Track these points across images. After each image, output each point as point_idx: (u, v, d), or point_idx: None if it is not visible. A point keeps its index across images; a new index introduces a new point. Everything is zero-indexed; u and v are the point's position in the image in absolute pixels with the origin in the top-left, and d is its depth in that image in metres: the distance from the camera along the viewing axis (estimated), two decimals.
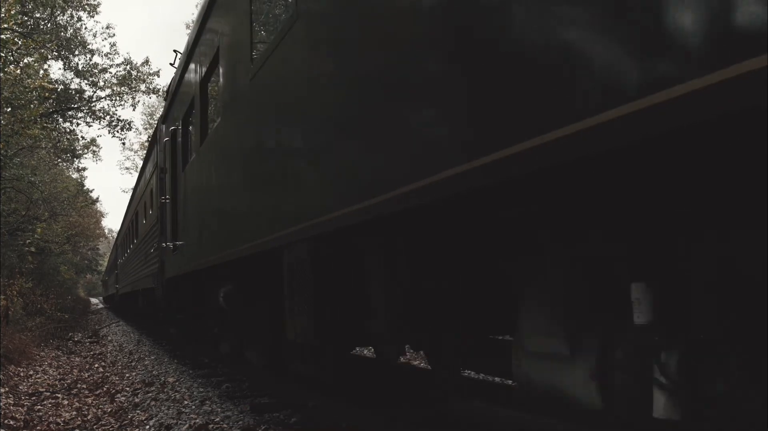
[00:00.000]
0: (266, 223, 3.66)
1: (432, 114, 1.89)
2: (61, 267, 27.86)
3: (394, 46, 2.10)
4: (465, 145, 1.70)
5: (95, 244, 49.62)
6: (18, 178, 15.01)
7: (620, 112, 1.21)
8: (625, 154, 1.34)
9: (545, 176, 1.58)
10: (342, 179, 2.57)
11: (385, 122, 2.16)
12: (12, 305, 14.31)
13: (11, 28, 13.41)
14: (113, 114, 22.34)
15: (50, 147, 20.38)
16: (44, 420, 5.28)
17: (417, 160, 1.94)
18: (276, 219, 3.47)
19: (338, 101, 2.60)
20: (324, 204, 2.73)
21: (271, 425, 4.47)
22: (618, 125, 1.21)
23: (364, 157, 2.35)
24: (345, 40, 2.51)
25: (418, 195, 1.90)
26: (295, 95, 3.14)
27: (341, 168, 2.57)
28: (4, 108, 13.12)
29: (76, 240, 33.73)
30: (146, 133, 43.11)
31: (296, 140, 3.17)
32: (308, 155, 2.99)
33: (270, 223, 3.58)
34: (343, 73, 2.55)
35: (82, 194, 29.64)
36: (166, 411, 5.26)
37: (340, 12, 2.56)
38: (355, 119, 2.42)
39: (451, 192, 1.75)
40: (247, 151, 4.15)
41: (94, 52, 21.79)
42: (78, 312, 24.81)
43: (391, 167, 2.11)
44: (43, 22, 19.47)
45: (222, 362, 7.93)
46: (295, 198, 3.17)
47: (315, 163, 2.89)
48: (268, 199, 3.66)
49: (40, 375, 8.22)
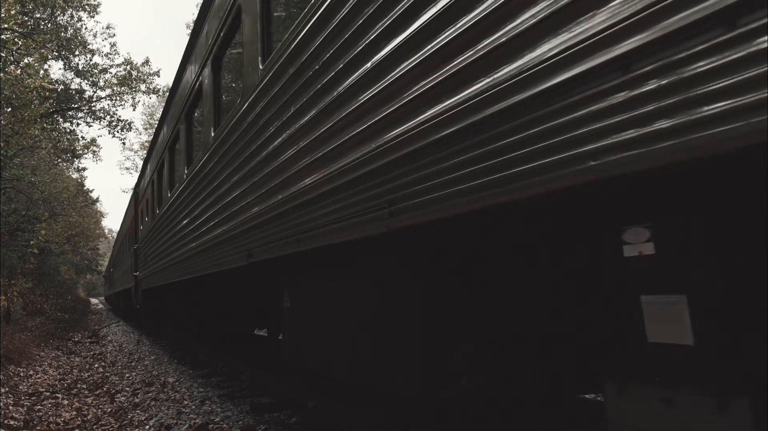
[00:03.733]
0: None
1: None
2: (61, 267, 27.85)
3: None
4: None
5: (95, 244, 49.60)
6: (18, 178, 15.00)
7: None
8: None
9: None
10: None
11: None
12: (12, 305, 14.30)
13: (11, 28, 13.40)
14: (113, 114, 22.33)
15: (50, 147, 20.36)
16: (44, 420, 5.27)
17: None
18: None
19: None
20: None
21: (271, 425, 4.47)
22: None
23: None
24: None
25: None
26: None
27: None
28: (5, 108, 13.11)
29: (76, 240, 33.73)
30: (146, 133, 43.13)
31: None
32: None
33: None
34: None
35: (82, 194, 29.64)
36: (166, 411, 5.26)
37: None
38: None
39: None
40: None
41: (95, 52, 21.78)
42: (78, 312, 24.80)
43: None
44: (43, 22, 19.46)
45: (221, 361, 7.95)
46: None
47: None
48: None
49: (40, 375, 8.21)
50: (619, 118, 1.30)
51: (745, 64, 1.06)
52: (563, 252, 2.20)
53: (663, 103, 1.20)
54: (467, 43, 1.77)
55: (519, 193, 1.52)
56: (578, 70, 1.40)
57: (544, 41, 1.50)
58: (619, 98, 1.30)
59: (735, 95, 1.07)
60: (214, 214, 5.32)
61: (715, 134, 1.09)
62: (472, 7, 1.78)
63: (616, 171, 1.28)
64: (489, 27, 1.68)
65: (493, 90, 1.65)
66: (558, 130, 1.42)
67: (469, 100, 1.74)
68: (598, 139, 1.32)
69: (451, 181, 1.80)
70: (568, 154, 1.38)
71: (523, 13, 1.58)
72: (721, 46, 1.11)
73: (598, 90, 1.35)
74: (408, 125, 2.05)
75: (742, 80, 1.06)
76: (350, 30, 2.55)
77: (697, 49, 1.15)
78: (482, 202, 1.66)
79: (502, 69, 1.63)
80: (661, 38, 1.20)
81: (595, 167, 1.32)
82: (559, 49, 1.46)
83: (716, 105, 1.10)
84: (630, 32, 1.28)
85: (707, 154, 1.11)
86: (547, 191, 1.44)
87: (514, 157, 1.55)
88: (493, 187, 1.62)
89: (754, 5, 1.04)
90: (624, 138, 1.28)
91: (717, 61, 1.11)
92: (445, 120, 1.85)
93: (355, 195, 2.43)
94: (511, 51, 1.60)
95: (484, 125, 1.68)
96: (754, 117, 1.03)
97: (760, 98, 1.03)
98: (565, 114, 1.41)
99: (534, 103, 1.50)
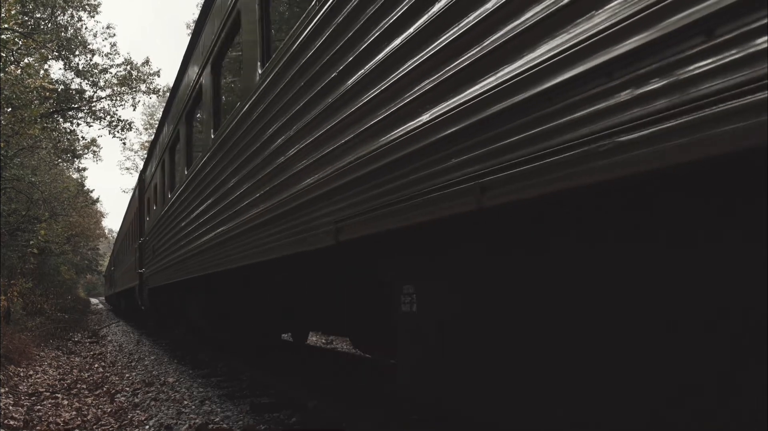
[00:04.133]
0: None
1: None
2: (61, 267, 27.84)
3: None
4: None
5: (95, 244, 49.60)
6: (18, 178, 15.00)
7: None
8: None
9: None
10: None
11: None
12: (12, 305, 14.30)
13: (11, 28, 13.39)
14: (113, 114, 22.32)
15: (50, 147, 20.36)
16: (44, 420, 5.27)
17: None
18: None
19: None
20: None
21: (271, 425, 4.46)
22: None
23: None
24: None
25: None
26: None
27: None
28: (5, 108, 13.11)
29: (76, 240, 33.72)
30: (146, 133, 43.14)
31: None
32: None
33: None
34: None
35: (82, 194, 29.65)
36: (166, 411, 5.26)
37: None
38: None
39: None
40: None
41: (95, 52, 21.77)
42: (78, 312, 24.80)
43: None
44: (44, 22, 19.45)
45: (221, 361, 7.94)
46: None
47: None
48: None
49: (40, 375, 8.21)
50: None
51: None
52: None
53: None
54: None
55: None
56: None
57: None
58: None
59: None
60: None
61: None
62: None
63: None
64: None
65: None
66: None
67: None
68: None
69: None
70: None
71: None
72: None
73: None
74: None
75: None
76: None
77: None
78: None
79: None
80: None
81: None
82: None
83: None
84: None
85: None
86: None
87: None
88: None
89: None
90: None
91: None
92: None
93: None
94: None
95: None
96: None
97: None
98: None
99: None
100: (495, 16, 1.72)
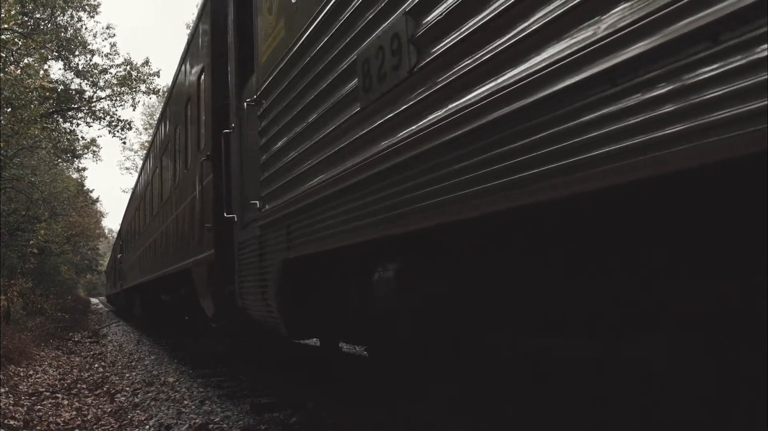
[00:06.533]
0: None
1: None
2: (61, 267, 27.85)
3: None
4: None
5: (95, 244, 49.61)
6: (18, 178, 15.00)
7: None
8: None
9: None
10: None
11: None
12: (12, 305, 14.31)
13: (11, 28, 13.40)
14: (113, 114, 22.34)
15: (50, 147, 20.36)
16: (44, 420, 5.27)
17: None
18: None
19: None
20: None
21: (271, 425, 4.47)
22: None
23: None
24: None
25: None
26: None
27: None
28: (4, 108, 13.11)
29: (76, 240, 33.73)
30: (146, 133, 43.14)
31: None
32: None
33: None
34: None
35: (82, 194, 29.67)
36: (166, 411, 5.26)
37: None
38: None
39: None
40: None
41: (95, 53, 21.80)
42: (78, 312, 24.80)
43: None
44: (43, 23, 19.47)
45: (220, 361, 7.94)
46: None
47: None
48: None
49: (40, 375, 8.22)
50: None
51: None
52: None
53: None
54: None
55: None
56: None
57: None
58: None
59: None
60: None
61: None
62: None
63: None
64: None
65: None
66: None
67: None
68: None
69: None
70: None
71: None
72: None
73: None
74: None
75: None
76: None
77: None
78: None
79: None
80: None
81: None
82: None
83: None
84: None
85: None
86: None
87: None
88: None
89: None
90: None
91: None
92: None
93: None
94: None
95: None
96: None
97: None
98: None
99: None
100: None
